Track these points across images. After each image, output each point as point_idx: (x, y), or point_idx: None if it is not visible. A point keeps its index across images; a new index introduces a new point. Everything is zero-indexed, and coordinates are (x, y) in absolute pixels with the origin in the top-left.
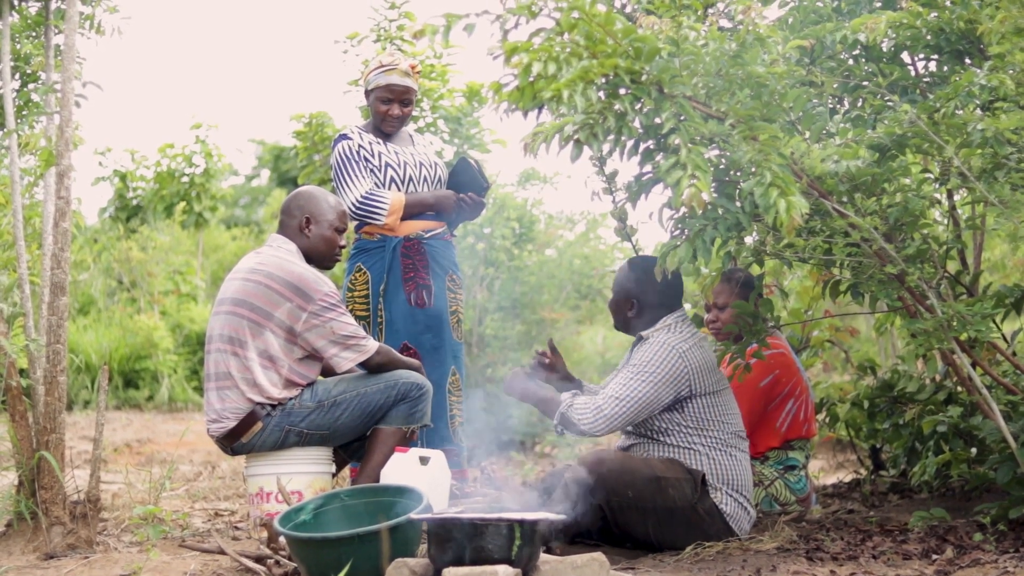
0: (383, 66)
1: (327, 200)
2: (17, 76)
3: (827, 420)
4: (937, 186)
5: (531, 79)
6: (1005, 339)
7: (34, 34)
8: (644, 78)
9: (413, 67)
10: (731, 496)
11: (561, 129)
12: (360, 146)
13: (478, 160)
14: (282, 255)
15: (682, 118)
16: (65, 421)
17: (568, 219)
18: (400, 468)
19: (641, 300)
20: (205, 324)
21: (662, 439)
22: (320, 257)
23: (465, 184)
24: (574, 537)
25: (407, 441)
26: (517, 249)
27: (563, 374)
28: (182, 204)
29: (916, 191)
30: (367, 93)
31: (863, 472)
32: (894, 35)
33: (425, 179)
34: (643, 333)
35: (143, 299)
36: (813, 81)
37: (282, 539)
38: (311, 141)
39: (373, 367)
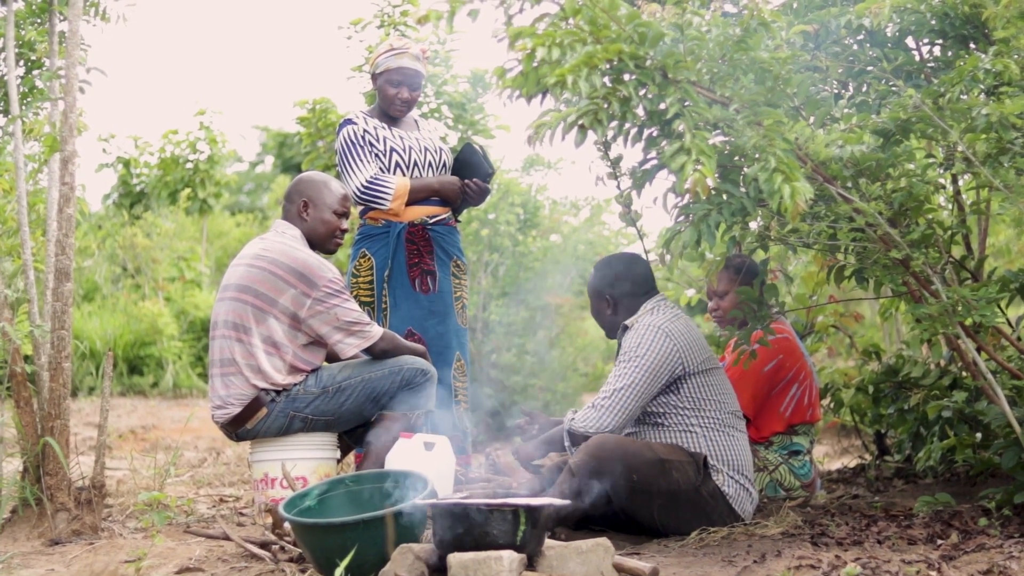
0: (393, 49)
1: (327, 184)
2: (22, 63)
3: (832, 405)
4: (942, 171)
5: (535, 64)
6: (1010, 324)
7: (39, 21)
8: (648, 63)
9: (424, 51)
10: (732, 478)
11: (565, 116)
12: (365, 131)
13: (482, 146)
14: (286, 241)
15: (686, 103)
16: (70, 407)
17: (573, 205)
18: (405, 454)
19: (614, 295)
20: (209, 310)
21: (660, 423)
22: (320, 240)
23: (470, 170)
24: (579, 522)
25: (412, 427)
26: (521, 235)
27: (549, 425)
28: (186, 190)
29: (921, 176)
30: (375, 76)
31: (868, 457)
32: (898, 20)
33: (430, 164)
34: (627, 322)
35: (147, 285)
36: (817, 66)
37: (287, 525)
38: (315, 127)
39: (378, 353)
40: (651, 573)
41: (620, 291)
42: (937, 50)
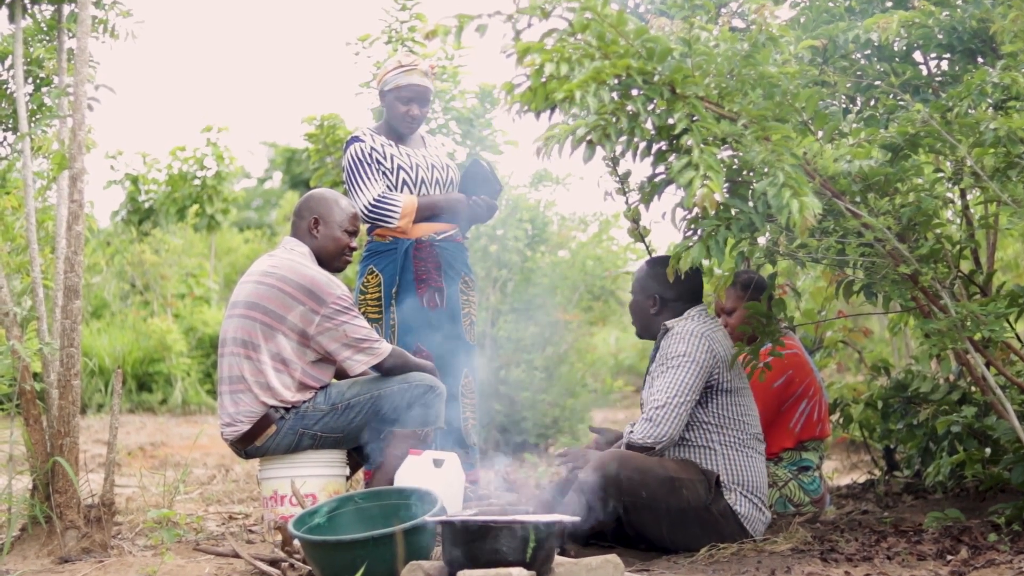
0: (403, 66)
1: (337, 202)
2: (30, 80)
3: (841, 421)
4: (950, 185)
5: (543, 80)
6: (1019, 339)
7: (47, 38)
8: (656, 79)
9: (432, 68)
10: (745, 497)
11: (574, 131)
12: (372, 148)
13: (490, 162)
14: (295, 258)
15: (694, 118)
16: (79, 425)
17: (581, 220)
18: (414, 470)
19: (663, 296)
20: (218, 327)
21: (682, 436)
22: (329, 258)
23: (477, 186)
24: (588, 539)
25: (421, 443)
26: (530, 251)
27: (615, 438)
28: (194, 207)
29: (929, 191)
30: (383, 93)
31: (877, 473)
32: (906, 34)
33: (437, 181)
34: (667, 323)
35: (156, 302)
36: (826, 81)
37: (296, 542)
38: (323, 143)
39: (386, 370)
40: None
41: (671, 294)
42: (945, 64)
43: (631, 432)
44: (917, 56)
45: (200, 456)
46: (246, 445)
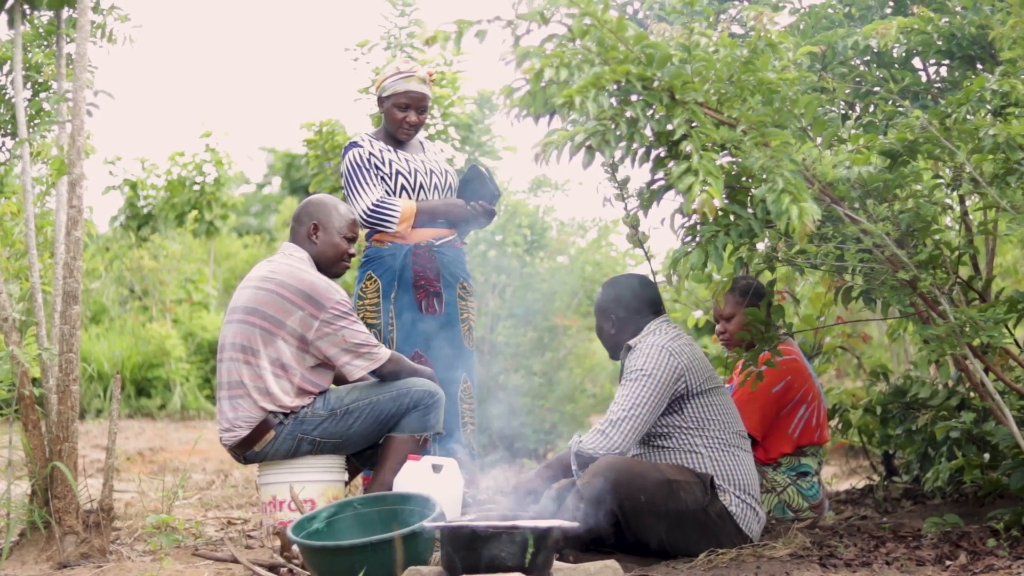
0: (400, 72)
1: (337, 208)
2: (29, 85)
3: (840, 426)
4: (949, 191)
5: (543, 85)
6: (1018, 344)
7: (46, 43)
8: (656, 84)
9: (430, 74)
10: (738, 497)
11: (573, 136)
12: (371, 154)
13: (489, 167)
14: (294, 263)
15: (694, 124)
16: (78, 430)
17: (580, 226)
18: (413, 476)
19: (617, 315)
20: (217, 332)
21: (664, 444)
22: (328, 263)
23: (476, 192)
24: (588, 545)
25: (420, 449)
26: (529, 256)
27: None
28: (193, 212)
29: (928, 197)
30: (381, 100)
31: (876, 478)
32: (905, 41)
33: (436, 187)
34: (630, 343)
35: (155, 307)
36: (825, 87)
37: (295, 547)
38: (322, 149)
39: (385, 375)
40: None
41: (624, 311)
42: (944, 71)
43: (580, 442)
44: (916, 62)
45: (199, 461)
46: (245, 450)
